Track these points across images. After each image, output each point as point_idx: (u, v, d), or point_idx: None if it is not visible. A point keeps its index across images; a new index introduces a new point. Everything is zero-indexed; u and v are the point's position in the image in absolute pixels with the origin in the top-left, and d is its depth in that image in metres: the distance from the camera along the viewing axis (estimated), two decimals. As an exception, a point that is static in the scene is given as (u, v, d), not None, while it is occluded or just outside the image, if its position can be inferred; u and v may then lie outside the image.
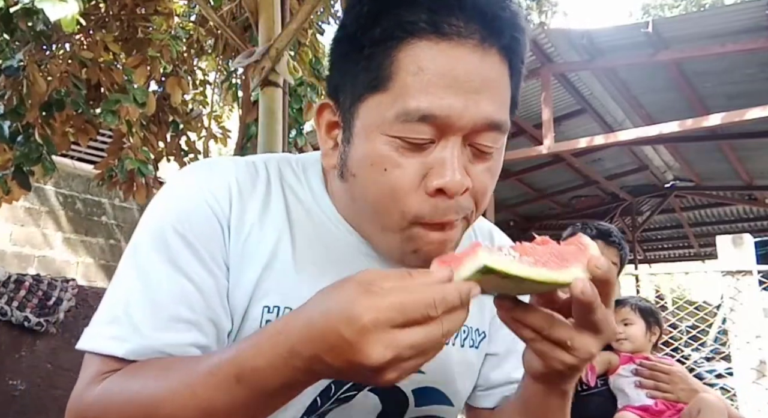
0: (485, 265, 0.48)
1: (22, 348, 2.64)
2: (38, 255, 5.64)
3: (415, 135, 0.59)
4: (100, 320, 0.63)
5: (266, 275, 0.66)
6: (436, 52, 0.59)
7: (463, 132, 0.60)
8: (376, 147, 0.61)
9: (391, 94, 0.60)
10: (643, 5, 21.76)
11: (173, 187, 0.68)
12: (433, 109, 0.58)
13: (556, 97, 5.85)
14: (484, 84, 0.60)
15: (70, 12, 1.79)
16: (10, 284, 2.68)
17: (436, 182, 0.59)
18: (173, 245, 0.63)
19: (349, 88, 0.64)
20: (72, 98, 2.69)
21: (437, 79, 0.58)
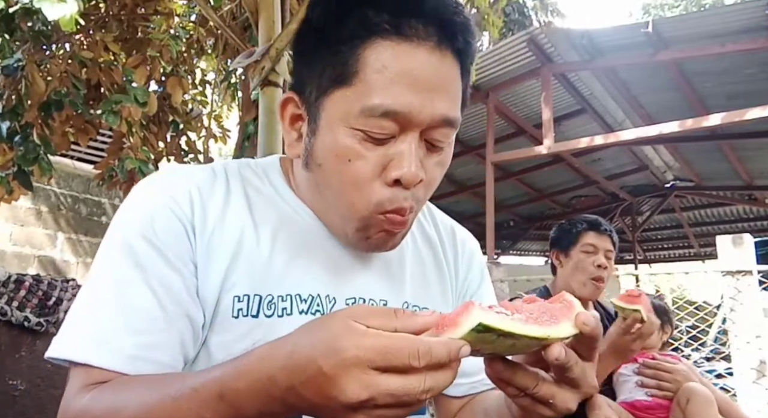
0: (481, 322, 0.48)
1: (22, 348, 2.64)
2: (38, 255, 5.64)
3: (378, 130, 0.64)
4: (75, 329, 0.65)
5: (233, 267, 0.69)
6: (398, 52, 0.63)
7: (420, 127, 0.65)
8: (341, 139, 0.65)
9: (356, 89, 0.64)
10: (644, 5, 21.76)
11: (136, 196, 0.71)
12: (395, 105, 0.63)
13: (556, 97, 5.85)
14: (440, 83, 0.65)
15: (68, 11, 1.79)
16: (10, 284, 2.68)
17: (395, 173, 0.65)
18: (141, 251, 0.66)
19: (314, 81, 0.68)
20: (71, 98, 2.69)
21: (399, 78, 0.63)
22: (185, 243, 0.68)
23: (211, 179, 0.73)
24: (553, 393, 0.56)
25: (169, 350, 0.64)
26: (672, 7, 20.12)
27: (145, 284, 0.65)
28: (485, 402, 0.79)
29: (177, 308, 0.66)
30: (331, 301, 0.73)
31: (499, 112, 6.17)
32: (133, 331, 0.63)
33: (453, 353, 0.47)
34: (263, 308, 0.69)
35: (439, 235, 0.88)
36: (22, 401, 2.58)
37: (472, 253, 0.90)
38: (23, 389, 2.59)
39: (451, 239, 0.89)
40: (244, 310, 0.68)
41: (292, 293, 0.70)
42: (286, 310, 0.70)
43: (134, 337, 0.63)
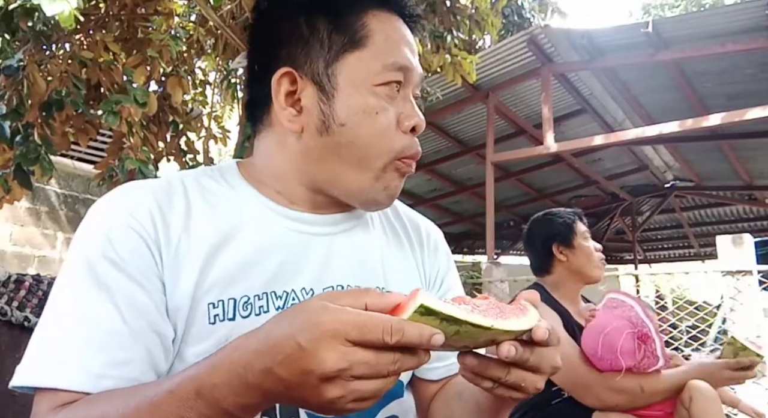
0: (422, 304, 0.50)
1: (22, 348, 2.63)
2: (38, 255, 5.64)
3: (397, 78, 0.74)
4: (38, 354, 0.63)
5: (204, 276, 0.68)
6: (390, 21, 0.77)
7: (414, 84, 0.78)
8: (366, 96, 0.73)
9: (371, 51, 0.74)
10: (644, 5, 21.75)
11: (94, 216, 0.70)
12: (406, 61, 0.75)
13: (556, 97, 5.85)
14: (415, 50, 0.79)
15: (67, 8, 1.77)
16: (10, 284, 2.68)
17: (411, 122, 0.75)
18: (102, 270, 0.65)
19: (318, 52, 0.74)
20: (72, 98, 2.69)
21: (401, 42, 0.76)
22: (149, 260, 0.67)
23: (169, 192, 0.73)
24: (522, 377, 0.58)
25: (139, 365, 0.64)
26: (672, 7, 20.11)
27: (108, 303, 0.64)
28: (459, 385, 0.80)
29: (143, 324, 0.65)
30: (308, 292, 0.74)
31: (499, 112, 6.16)
32: (98, 349, 0.62)
33: (425, 337, 0.49)
34: (239, 310, 0.69)
35: (404, 226, 0.91)
36: (22, 401, 2.58)
37: (436, 243, 0.93)
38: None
39: (415, 230, 0.91)
40: (220, 315, 0.68)
41: (267, 291, 0.71)
42: (263, 307, 0.70)
43: (100, 355, 0.62)
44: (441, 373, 0.86)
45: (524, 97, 6.26)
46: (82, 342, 0.62)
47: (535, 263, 2.03)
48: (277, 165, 0.78)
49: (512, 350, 0.55)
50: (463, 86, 5.19)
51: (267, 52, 0.78)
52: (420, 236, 0.91)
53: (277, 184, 0.79)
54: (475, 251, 11.23)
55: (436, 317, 0.50)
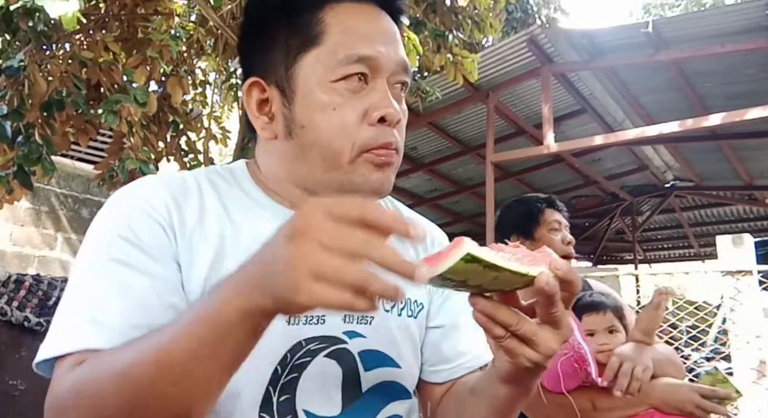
0: (469, 253, 0.53)
1: (22, 348, 2.64)
2: (38, 255, 5.64)
3: (355, 70, 0.71)
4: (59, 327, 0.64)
5: (216, 268, 0.70)
6: (353, 12, 0.73)
7: (388, 72, 0.73)
8: (322, 94, 0.71)
9: (327, 46, 0.71)
10: (644, 5, 21.75)
11: (110, 205, 0.72)
12: (367, 51, 0.71)
13: (556, 97, 5.85)
14: (391, 36, 0.75)
15: (70, 9, 1.78)
16: (10, 284, 2.68)
17: (378, 112, 0.71)
18: (121, 249, 0.66)
19: (280, 56, 0.74)
20: (72, 98, 2.69)
21: (363, 32, 0.72)
22: (165, 242, 0.69)
23: (184, 188, 0.75)
24: (534, 330, 0.59)
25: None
26: (672, 7, 20.12)
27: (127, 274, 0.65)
28: (469, 383, 0.81)
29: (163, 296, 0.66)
30: None
31: (499, 112, 6.16)
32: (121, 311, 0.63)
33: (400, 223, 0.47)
34: None
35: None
36: (22, 401, 2.58)
37: (441, 246, 0.94)
38: (23, 389, 2.59)
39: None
40: None
41: None
42: None
43: (127, 318, 0.63)
44: (446, 375, 0.86)
45: (524, 97, 6.25)
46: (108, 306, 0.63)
47: None
48: (271, 170, 0.80)
49: (551, 280, 0.57)
50: (463, 86, 5.19)
51: (243, 63, 0.81)
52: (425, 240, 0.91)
53: (277, 188, 0.80)
54: (475, 250, 11.22)
55: (479, 264, 0.54)
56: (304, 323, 0.73)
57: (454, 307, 0.90)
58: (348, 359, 0.76)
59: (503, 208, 1.93)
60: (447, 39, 3.54)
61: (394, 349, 0.81)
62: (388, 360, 0.80)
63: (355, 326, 0.77)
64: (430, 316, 0.88)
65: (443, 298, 0.89)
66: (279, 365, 0.71)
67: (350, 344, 0.76)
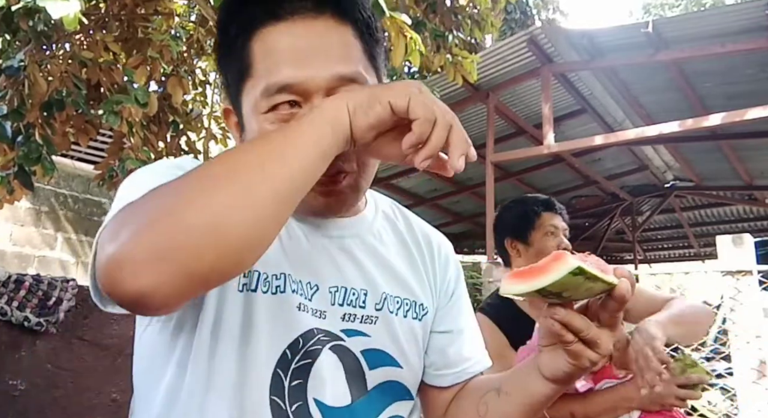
0: (579, 267, 0.58)
1: (22, 348, 2.64)
2: (38, 255, 5.64)
3: (282, 105, 0.69)
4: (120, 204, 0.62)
5: None
6: (277, 33, 0.70)
7: (321, 92, 0.69)
8: (255, 125, 0.71)
9: (254, 78, 0.71)
10: (644, 4, 21.77)
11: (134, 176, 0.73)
12: (286, 79, 0.68)
13: (556, 97, 5.85)
14: (324, 48, 0.70)
15: (72, 10, 1.78)
16: (10, 284, 2.68)
17: None
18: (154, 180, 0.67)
19: (232, 85, 0.75)
20: (72, 98, 2.69)
21: (284, 55, 0.69)
22: None
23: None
24: (599, 335, 0.64)
25: None
26: (672, 7, 20.12)
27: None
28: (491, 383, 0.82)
29: None
30: (313, 287, 0.76)
31: (499, 112, 6.16)
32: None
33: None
34: (260, 284, 0.72)
35: (416, 239, 0.91)
36: (22, 401, 2.58)
37: (447, 256, 0.94)
38: (23, 389, 2.59)
39: (427, 243, 0.92)
40: (248, 284, 0.71)
41: (286, 272, 0.73)
42: (280, 287, 0.73)
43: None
44: (451, 379, 0.87)
45: (524, 97, 6.26)
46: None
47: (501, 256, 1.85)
48: None
49: (629, 290, 0.62)
50: (463, 86, 5.19)
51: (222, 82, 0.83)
52: (432, 249, 0.92)
53: None
54: (475, 251, 11.22)
55: (583, 276, 0.59)
56: (311, 314, 0.75)
57: (460, 312, 0.91)
58: (349, 356, 0.77)
59: (500, 209, 1.90)
60: (447, 39, 3.54)
61: (398, 350, 0.81)
62: (392, 360, 0.81)
63: (358, 325, 0.78)
64: (437, 320, 0.89)
65: (450, 303, 0.90)
66: (288, 349, 0.72)
67: (348, 342, 0.77)
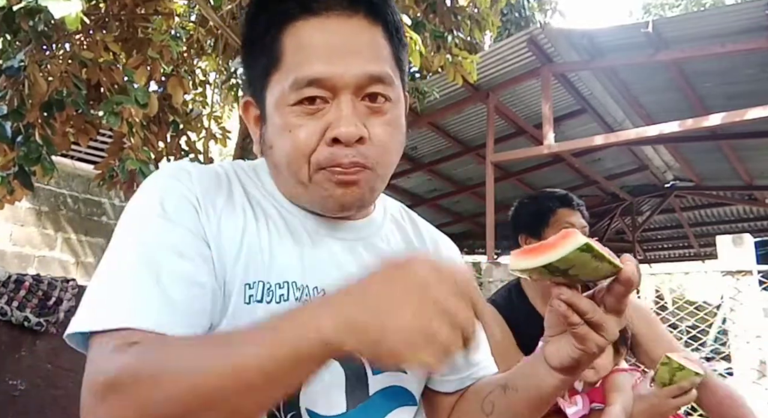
0: (587, 243, 0.58)
1: (22, 348, 2.64)
2: (38, 255, 5.64)
3: (309, 99, 0.70)
4: (100, 299, 0.63)
5: (239, 255, 0.72)
6: (310, 28, 0.71)
7: (349, 89, 0.70)
8: (282, 117, 0.72)
9: (283, 71, 0.71)
10: (644, 4, 21.75)
11: (145, 187, 0.75)
12: (317, 74, 0.69)
13: (556, 97, 5.85)
14: (356, 46, 0.71)
15: (73, 10, 1.78)
16: (10, 284, 2.68)
17: (331, 133, 0.69)
18: (158, 225, 0.68)
19: (257, 78, 0.76)
20: (72, 98, 2.69)
21: (316, 50, 0.70)
22: (196, 220, 0.71)
23: (212, 176, 0.78)
24: (605, 319, 0.64)
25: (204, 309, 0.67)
26: (672, 7, 20.12)
27: (167, 249, 0.66)
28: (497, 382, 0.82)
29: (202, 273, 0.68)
30: (320, 292, 0.75)
31: (499, 112, 6.16)
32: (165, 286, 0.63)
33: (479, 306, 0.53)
34: (264, 295, 0.72)
35: (422, 242, 0.92)
36: (22, 401, 2.58)
37: (452, 259, 0.93)
38: (23, 389, 2.59)
39: (434, 246, 0.93)
40: (255, 296, 0.71)
41: (289, 281, 0.73)
42: (283, 296, 0.73)
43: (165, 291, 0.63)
44: (456, 385, 0.87)
45: (524, 97, 6.26)
46: (147, 282, 0.63)
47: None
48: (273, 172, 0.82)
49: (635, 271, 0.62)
50: (463, 86, 5.19)
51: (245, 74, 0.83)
52: (439, 252, 0.93)
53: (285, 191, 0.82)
54: (475, 251, 11.23)
55: (591, 253, 0.59)
56: None
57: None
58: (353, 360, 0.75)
59: (517, 204, 1.85)
60: (446, 39, 3.54)
61: None
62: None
63: None
64: None
65: None
66: None
67: None
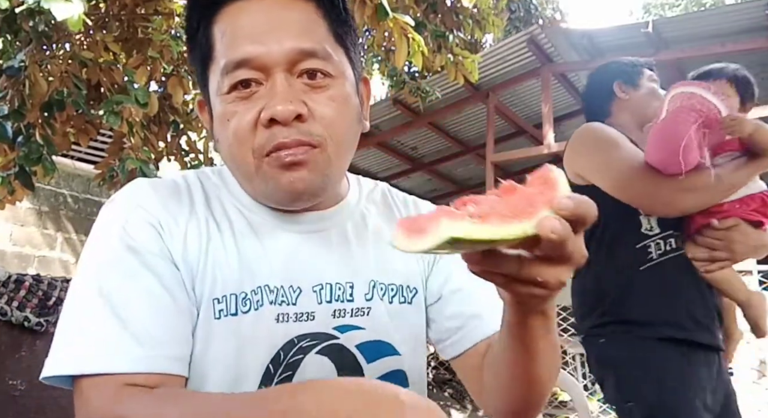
0: (451, 237, 0.44)
1: (22, 348, 2.64)
2: (38, 255, 5.64)
3: (238, 77, 0.68)
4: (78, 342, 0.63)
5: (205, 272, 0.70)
6: (236, 11, 0.70)
7: (280, 67, 0.68)
8: (219, 108, 0.71)
9: (215, 61, 0.70)
10: (644, 5, 21.76)
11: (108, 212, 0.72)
12: (244, 54, 0.67)
13: (556, 97, 5.85)
14: (284, 23, 0.69)
15: (76, 12, 1.78)
16: (10, 284, 2.68)
17: (266, 113, 0.67)
18: (124, 258, 0.67)
19: (200, 76, 0.76)
20: (73, 98, 2.69)
21: (240, 33, 0.68)
22: (163, 247, 0.69)
23: (175, 190, 0.75)
24: (538, 272, 0.50)
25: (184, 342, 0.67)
26: (672, 7, 20.12)
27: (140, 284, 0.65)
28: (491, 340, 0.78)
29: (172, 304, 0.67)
30: (296, 290, 0.74)
31: (499, 112, 6.17)
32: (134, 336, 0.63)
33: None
34: (240, 306, 0.70)
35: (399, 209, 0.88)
36: (22, 401, 2.58)
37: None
38: (23, 389, 2.59)
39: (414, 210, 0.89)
40: (224, 310, 0.70)
41: (261, 285, 0.72)
42: (259, 301, 0.71)
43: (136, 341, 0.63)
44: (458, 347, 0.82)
45: (524, 97, 6.26)
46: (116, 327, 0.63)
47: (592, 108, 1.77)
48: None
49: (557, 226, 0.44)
50: (463, 86, 5.19)
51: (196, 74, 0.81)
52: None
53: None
54: (475, 250, 11.25)
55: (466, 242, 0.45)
56: (294, 320, 0.73)
57: (450, 274, 0.85)
58: (343, 354, 0.76)
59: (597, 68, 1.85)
60: (447, 39, 3.54)
61: (392, 336, 0.79)
62: (390, 348, 0.79)
63: (350, 320, 0.76)
64: (428, 292, 0.85)
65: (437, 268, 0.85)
66: (271, 364, 0.71)
67: (342, 339, 0.76)
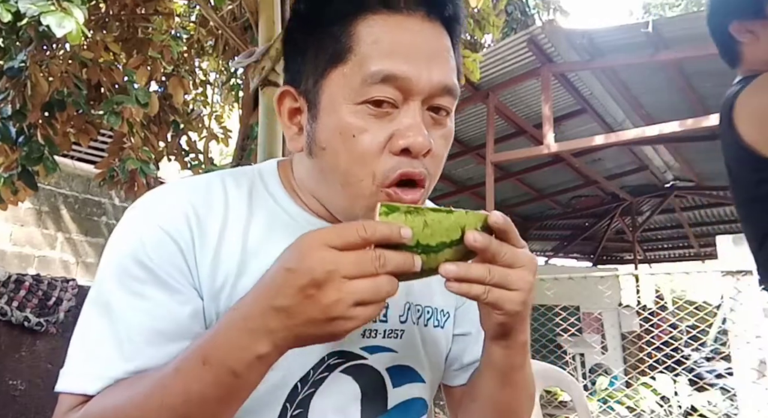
0: (382, 204, 0.56)
1: (22, 348, 2.64)
2: (38, 255, 5.64)
3: (381, 97, 0.63)
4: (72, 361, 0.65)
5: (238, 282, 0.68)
6: (389, 24, 0.65)
7: (421, 96, 0.64)
8: (344, 116, 0.64)
9: (353, 64, 0.64)
10: (644, 4, 21.74)
11: (126, 221, 0.69)
12: (395, 70, 0.63)
13: (556, 97, 5.85)
14: (433, 52, 0.66)
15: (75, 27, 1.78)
16: (10, 284, 2.68)
17: (402, 141, 0.63)
18: (135, 275, 0.65)
19: (310, 68, 0.68)
20: (73, 99, 2.69)
21: (394, 47, 0.64)
22: (182, 267, 0.66)
23: (207, 193, 0.71)
24: (505, 272, 0.59)
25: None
26: (672, 7, 20.11)
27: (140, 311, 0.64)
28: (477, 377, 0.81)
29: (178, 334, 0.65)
30: None
31: (499, 112, 6.16)
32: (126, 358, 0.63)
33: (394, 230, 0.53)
34: None
35: None
36: (22, 401, 2.59)
37: None
38: (23, 389, 2.60)
39: None
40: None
41: None
42: None
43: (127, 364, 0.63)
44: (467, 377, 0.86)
45: (524, 97, 6.25)
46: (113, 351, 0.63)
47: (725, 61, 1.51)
48: (303, 179, 0.75)
49: (477, 235, 0.57)
50: (463, 86, 5.18)
51: (284, 68, 0.76)
52: None
53: (306, 198, 0.76)
54: (475, 250, 11.23)
55: (399, 212, 0.55)
56: None
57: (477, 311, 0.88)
58: (369, 375, 0.74)
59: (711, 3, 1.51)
60: (447, 39, 3.54)
61: (421, 363, 0.79)
62: (416, 376, 0.79)
63: (381, 341, 0.75)
64: (456, 323, 0.86)
65: (469, 303, 0.86)
66: (300, 382, 0.70)
67: (371, 360, 0.74)
